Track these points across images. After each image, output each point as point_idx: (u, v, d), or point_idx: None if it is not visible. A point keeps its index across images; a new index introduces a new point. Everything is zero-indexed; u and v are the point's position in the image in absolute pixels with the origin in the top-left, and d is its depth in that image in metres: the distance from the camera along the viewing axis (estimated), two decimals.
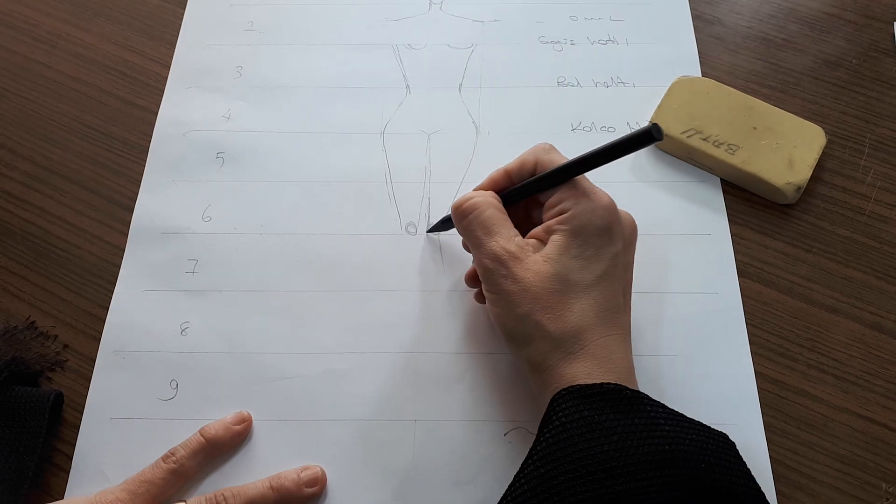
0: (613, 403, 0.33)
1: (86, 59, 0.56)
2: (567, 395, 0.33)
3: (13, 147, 0.52)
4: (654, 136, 0.34)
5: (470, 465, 0.40)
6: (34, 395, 0.40)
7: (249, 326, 0.45)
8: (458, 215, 0.39)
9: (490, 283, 0.37)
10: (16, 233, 0.48)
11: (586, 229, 0.36)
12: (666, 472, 0.31)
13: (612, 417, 0.32)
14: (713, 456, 0.32)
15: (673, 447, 0.32)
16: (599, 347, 0.35)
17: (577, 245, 0.36)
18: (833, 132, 0.51)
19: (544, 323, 0.35)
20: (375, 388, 0.43)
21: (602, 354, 0.35)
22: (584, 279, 0.36)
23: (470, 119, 0.52)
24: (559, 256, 0.36)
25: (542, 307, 0.35)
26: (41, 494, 0.40)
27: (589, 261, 0.36)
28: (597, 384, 0.33)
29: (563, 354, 0.35)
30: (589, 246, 0.36)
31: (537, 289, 0.35)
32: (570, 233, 0.36)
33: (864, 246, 0.47)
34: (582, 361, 0.35)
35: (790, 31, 0.57)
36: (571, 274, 0.36)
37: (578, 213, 0.36)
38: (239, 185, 0.50)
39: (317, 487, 0.39)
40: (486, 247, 0.37)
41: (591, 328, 0.35)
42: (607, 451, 0.31)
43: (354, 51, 0.56)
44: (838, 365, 0.43)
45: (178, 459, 0.39)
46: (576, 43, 0.56)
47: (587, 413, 0.33)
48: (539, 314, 0.35)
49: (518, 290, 0.36)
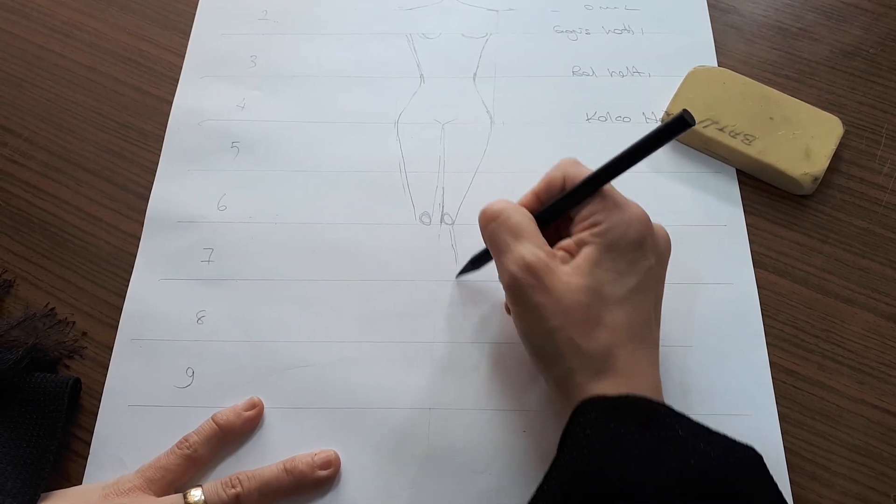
0: (637, 416, 0.32)
1: (101, 48, 0.56)
2: (591, 406, 0.33)
3: (29, 137, 0.52)
4: (689, 122, 0.32)
5: (484, 454, 0.41)
6: (53, 380, 0.41)
7: (264, 315, 0.45)
8: (485, 218, 0.38)
9: (517, 295, 0.35)
10: (33, 222, 0.49)
11: (619, 242, 0.35)
12: (691, 489, 0.30)
13: (635, 430, 0.31)
14: (739, 471, 0.31)
15: (698, 462, 0.31)
16: (629, 364, 0.34)
17: (609, 258, 0.35)
18: (850, 122, 0.51)
19: (575, 339, 0.34)
20: (390, 376, 0.43)
21: (631, 371, 0.34)
22: (617, 293, 0.34)
23: (484, 109, 0.52)
24: (591, 269, 0.34)
25: (572, 322, 0.34)
26: (60, 480, 0.40)
27: (621, 274, 0.35)
28: (621, 396, 0.32)
29: (592, 372, 0.34)
30: (622, 259, 0.35)
31: (568, 301, 0.34)
32: (602, 245, 0.35)
33: (881, 237, 0.47)
34: (611, 379, 0.33)
35: (807, 20, 0.56)
36: (604, 287, 0.34)
37: (612, 226, 0.35)
38: (254, 175, 0.50)
39: (331, 470, 0.40)
40: (514, 252, 0.35)
41: (621, 344, 0.34)
42: (632, 466, 0.30)
43: (368, 40, 0.56)
44: (854, 356, 0.43)
45: (191, 445, 0.39)
46: (591, 32, 0.55)
47: (612, 426, 0.32)
48: (570, 329, 0.34)
49: (549, 302, 0.34)
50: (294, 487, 0.39)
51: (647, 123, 0.51)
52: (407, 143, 0.51)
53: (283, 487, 0.39)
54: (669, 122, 0.33)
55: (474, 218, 0.48)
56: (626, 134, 0.51)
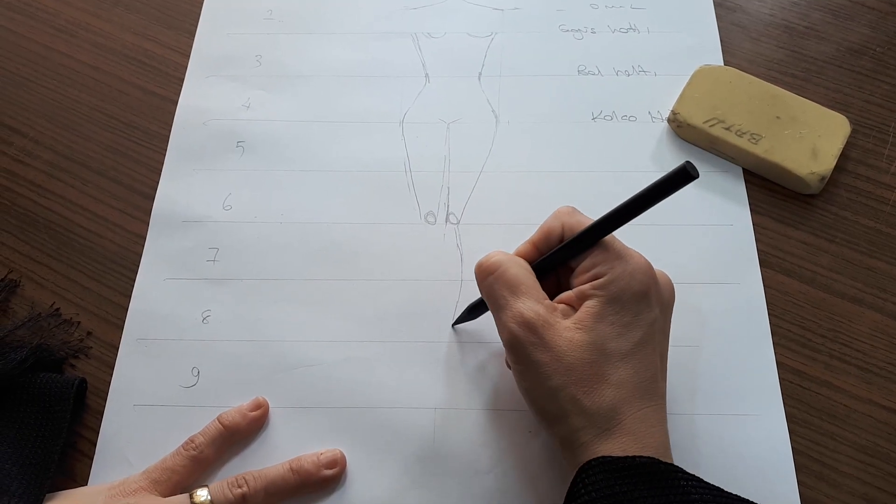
0: (646, 478, 0.31)
1: (106, 48, 0.56)
2: (597, 467, 0.31)
3: (35, 136, 0.52)
4: (691, 174, 0.30)
5: (489, 455, 0.40)
6: (58, 380, 0.41)
7: (270, 314, 0.45)
8: (481, 273, 0.36)
9: (517, 353, 0.34)
10: (38, 221, 0.49)
11: (623, 295, 0.33)
12: None
13: (644, 494, 0.30)
14: None
15: None
16: (636, 422, 0.32)
17: (613, 312, 0.33)
18: (857, 121, 0.51)
19: (579, 397, 0.32)
20: (395, 376, 0.43)
21: (638, 430, 0.32)
22: (622, 348, 0.33)
23: (489, 108, 0.52)
24: (594, 323, 0.33)
25: (576, 379, 0.33)
26: (66, 480, 0.40)
27: (626, 328, 0.33)
28: (629, 457, 0.31)
29: (597, 431, 0.32)
30: (626, 312, 0.33)
31: (571, 358, 0.33)
32: (606, 298, 0.34)
33: (888, 236, 0.47)
34: (617, 438, 0.32)
35: (813, 19, 0.56)
36: (608, 343, 0.33)
37: (615, 278, 0.34)
38: (259, 174, 0.50)
39: (336, 469, 0.40)
40: (512, 308, 0.34)
41: (628, 402, 0.33)
42: None
43: (373, 39, 0.56)
44: (861, 355, 0.43)
45: (197, 446, 0.39)
46: (596, 31, 0.55)
47: (617, 489, 0.30)
48: (573, 387, 0.33)
49: (550, 359, 0.33)
50: (300, 487, 0.39)
51: (652, 122, 0.51)
52: (412, 143, 0.51)
53: (289, 487, 0.39)
54: (672, 174, 0.31)
55: (479, 217, 0.48)
56: (631, 133, 0.51)
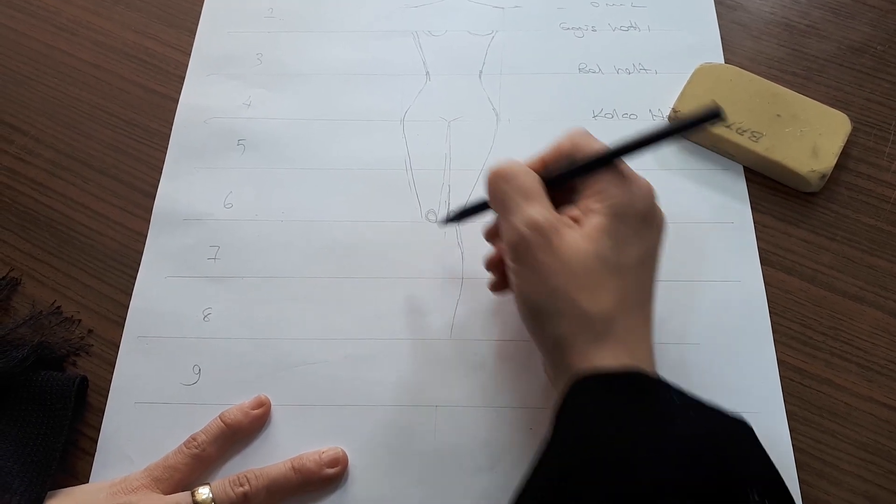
0: (634, 393, 0.32)
1: (107, 46, 0.56)
2: (585, 383, 0.33)
3: (36, 135, 0.52)
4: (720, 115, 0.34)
5: (491, 452, 0.40)
6: (60, 378, 0.41)
7: (271, 312, 0.45)
8: (497, 177, 0.37)
9: (522, 254, 0.35)
10: (39, 219, 0.49)
11: (628, 213, 0.35)
12: (688, 463, 0.30)
13: (631, 408, 0.32)
14: (731, 444, 0.32)
15: (694, 433, 0.31)
16: (627, 333, 0.34)
17: (617, 227, 0.35)
18: (858, 119, 0.51)
19: (579, 300, 0.34)
20: (397, 374, 0.43)
21: (629, 340, 0.34)
22: (622, 262, 0.34)
23: (490, 106, 0.52)
24: (600, 236, 0.34)
25: (577, 284, 0.34)
26: (67, 478, 0.40)
27: (627, 245, 0.35)
28: (613, 373, 0.33)
29: (591, 336, 0.34)
30: (629, 229, 0.35)
31: (574, 265, 0.34)
32: (611, 214, 0.35)
33: (889, 234, 0.47)
34: (609, 346, 0.33)
35: (814, 17, 0.56)
36: (610, 255, 0.34)
37: (623, 197, 0.35)
38: (260, 172, 0.50)
39: (338, 468, 0.40)
40: (524, 212, 0.35)
41: (622, 312, 0.34)
42: (626, 442, 0.31)
43: (374, 38, 0.56)
44: (862, 353, 0.43)
45: (199, 445, 0.39)
46: (597, 29, 0.55)
47: (607, 404, 0.32)
48: (574, 291, 0.34)
49: (554, 262, 0.34)
50: (302, 485, 0.39)
51: (653, 120, 0.51)
52: (413, 141, 0.51)
53: (291, 485, 0.39)
54: (703, 112, 0.34)
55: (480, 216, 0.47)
56: (632, 131, 0.50)
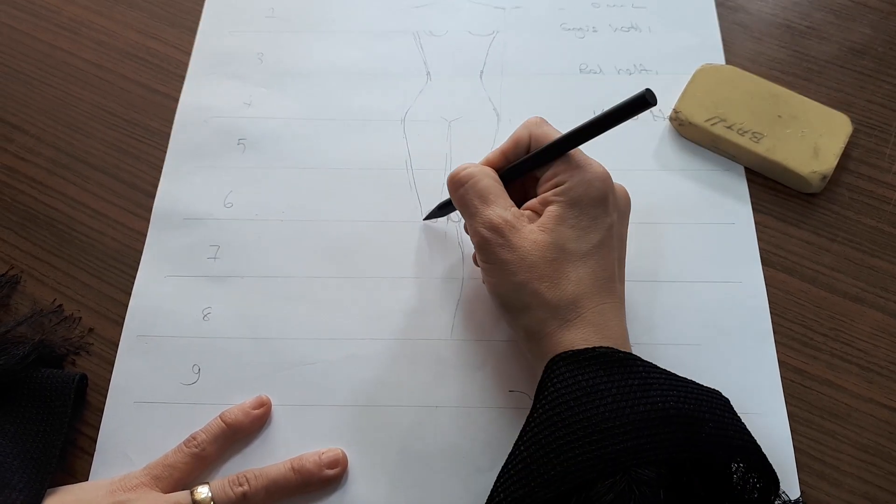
0: (607, 366, 0.34)
1: (108, 45, 0.56)
2: (561, 361, 0.34)
3: (37, 133, 0.52)
4: (649, 101, 0.34)
5: (491, 452, 0.40)
6: (59, 376, 0.41)
7: (271, 312, 0.45)
8: (454, 184, 0.39)
9: (486, 253, 0.37)
10: (40, 218, 0.49)
11: (582, 199, 0.36)
12: (662, 429, 0.32)
13: (606, 380, 0.33)
14: (707, 411, 0.33)
15: (667, 404, 0.32)
16: (596, 314, 0.35)
17: (573, 215, 0.36)
18: (858, 121, 0.51)
19: (542, 291, 0.35)
20: (397, 374, 0.43)
21: (598, 321, 0.35)
22: (581, 248, 0.36)
23: (491, 106, 0.52)
24: (556, 226, 0.36)
25: (538, 276, 0.36)
26: (66, 477, 0.40)
27: (585, 230, 0.36)
28: (590, 348, 0.34)
29: (560, 322, 0.35)
30: (585, 216, 0.36)
31: (534, 257, 0.36)
32: (566, 203, 0.36)
33: (890, 235, 0.47)
34: (579, 328, 0.35)
35: (815, 19, 0.56)
36: (568, 243, 0.36)
37: (575, 184, 0.37)
38: (260, 172, 0.50)
39: (338, 469, 0.40)
40: (482, 215, 0.37)
41: (587, 296, 0.35)
42: (603, 412, 0.32)
43: (375, 37, 0.56)
44: (862, 355, 0.43)
45: (199, 444, 0.39)
46: (598, 30, 0.55)
47: (581, 377, 0.33)
48: (536, 283, 0.35)
49: (515, 258, 0.36)
50: (301, 486, 0.39)
51: (654, 121, 0.51)
52: (413, 141, 0.51)
53: (291, 486, 0.39)
54: (633, 99, 0.35)
55: None
56: (633, 132, 0.51)
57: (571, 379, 0.33)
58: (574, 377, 0.33)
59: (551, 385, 0.34)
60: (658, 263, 0.45)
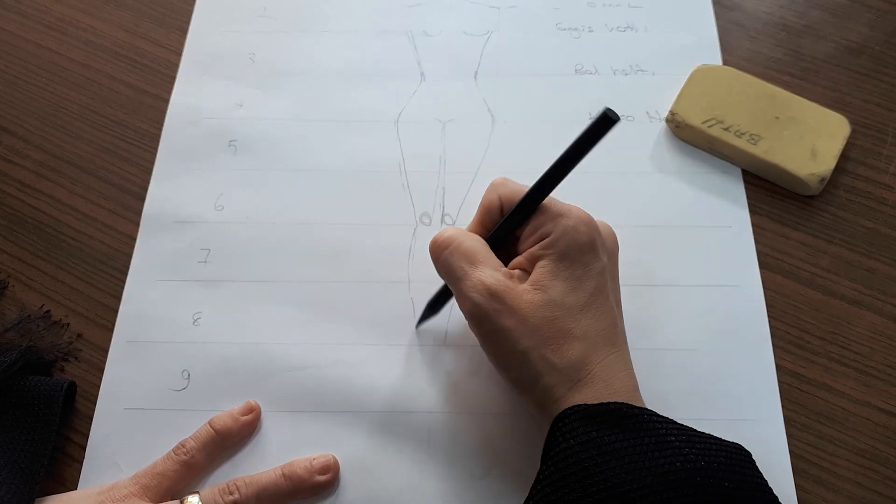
0: (620, 422, 0.32)
1: (96, 46, 0.56)
2: (572, 416, 0.32)
3: (24, 135, 0.52)
4: (613, 119, 0.32)
5: (484, 459, 0.40)
6: (47, 383, 0.40)
7: (262, 317, 0.44)
8: (437, 248, 0.37)
9: (482, 322, 0.35)
10: (27, 222, 0.48)
11: (571, 250, 0.35)
12: (680, 492, 0.30)
13: (620, 438, 0.31)
14: (727, 470, 0.31)
15: (685, 465, 0.30)
16: (604, 368, 0.34)
17: (565, 267, 0.34)
18: (855, 121, 0.50)
19: (549, 356, 0.33)
20: (389, 379, 0.42)
21: (607, 376, 0.33)
22: (579, 300, 0.34)
23: (486, 107, 0.51)
24: (550, 282, 0.34)
25: (542, 339, 0.33)
26: (56, 484, 0.40)
27: (579, 281, 0.34)
28: (602, 403, 0.32)
29: (569, 385, 0.33)
30: (577, 266, 0.34)
31: (535, 320, 0.34)
32: (556, 256, 0.35)
33: (887, 237, 0.46)
34: (589, 387, 0.33)
35: (811, 18, 0.55)
36: (565, 298, 0.34)
37: (560, 234, 0.35)
38: (252, 174, 0.49)
39: (329, 475, 0.39)
40: (471, 278, 0.35)
41: (593, 351, 0.34)
42: (619, 473, 0.30)
43: (369, 38, 0.55)
44: (860, 358, 0.43)
45: (188, 451, 0.39)
46: (594, 30, 0.55)
47: (594, 434, 0.31)
48: (542, 348, 0.33)
49: (515, 324, 0.34)
50: (292, 493, 0.38)
51: (650, 123, 0.50)
52: (407, 143, 0.50)
53: (282, 493, 0.38)
54: (594, 123, 0.33)
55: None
56: (629, 133, 0.50)
57: (585, 436, 0.31)
58: (587, 433, 0.31)
59: (563, 441, 0.32)
60: (654, 267, 0.45)
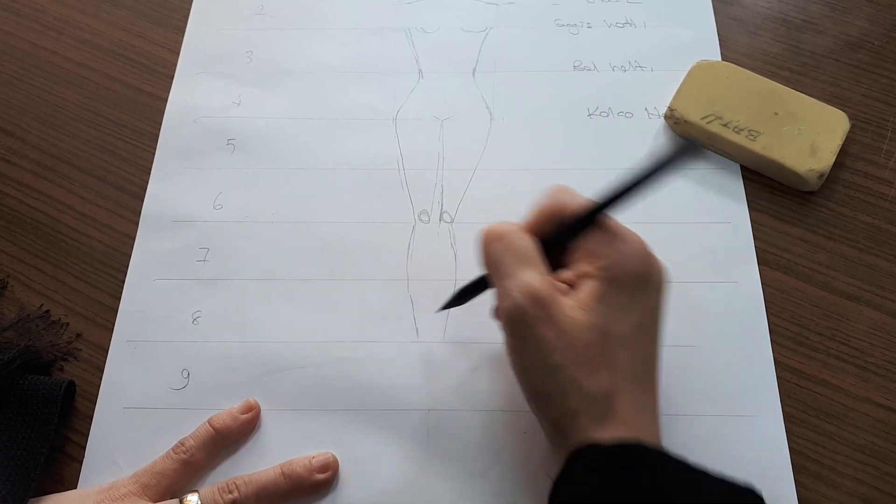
0: (634, 465, 0.30)
1: (93, 45, 0.55)
2: (591, 455, 0.31)
3: (22, 135, 0.51)
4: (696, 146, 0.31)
5: (484, 456, 0.40)
6: (46, 383, 0.40)
7: (261, 315, 0.44)
8: (490, 237, 0.35)
9: (519, 327, 0.32)
10: (26, 222, 0.48)
11: (622, 276, 0.33)
12: None
13: (633, 482, 0.30)
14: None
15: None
16: (629, 408, 0.32)
17: (613, 293, 0.32)
18: (855, 116, 0.50)
19: (579, 378, 0.31)
20: (388, 377, 0.42)
21: (632, 417, 0.32)
22: (621, 331, 0.32)
23: (484, 104, 0.51)
24: (596, 304, 0.32)
25: (576, 359, 0.31)
26: (55, 484, 0.40)
27: (625, 311, 0.32)
28: (616, 444, 0.31)
29: (592, 417, 0.31)
30: (625, 294, 0.33)
31: (574, 338, 0.31)
32: (606, 279, 0.33)
33: (887, 233, 0.46)
34: (611, 425, 0.31)
35: (811, 12, 0.55)
36: (609, 325, 0.32)
37: (614, 259, 0.33)
38: (250, 173, 0.49)
39: (328, 473, 0.39)
40: (519, 277, 0.32)
41: (624, 388, 0.32)
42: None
43: (366, 35, 0.55)
44: (859, 354, 0.43)
45: (188, 450, 0.39)
46: (592, 26, 0.55)
47: (607, 477, 0.30)
48: (574, 368, 0.31)
49: (553, 336, 0.31)
50: (292, 491, 0.38)
51: (649, 119, 0.50)
52: (405, 140, 0.50)
53: (281, 492, 0.38)
54: (676, 149, 0.32)
55: (474, 216, 0.47)
56: (628, 130, 0.50)
57: (599, 481, 0.30)
58: (599, 475, 0.30)
59: (577, 483, 0.31)
60: None
